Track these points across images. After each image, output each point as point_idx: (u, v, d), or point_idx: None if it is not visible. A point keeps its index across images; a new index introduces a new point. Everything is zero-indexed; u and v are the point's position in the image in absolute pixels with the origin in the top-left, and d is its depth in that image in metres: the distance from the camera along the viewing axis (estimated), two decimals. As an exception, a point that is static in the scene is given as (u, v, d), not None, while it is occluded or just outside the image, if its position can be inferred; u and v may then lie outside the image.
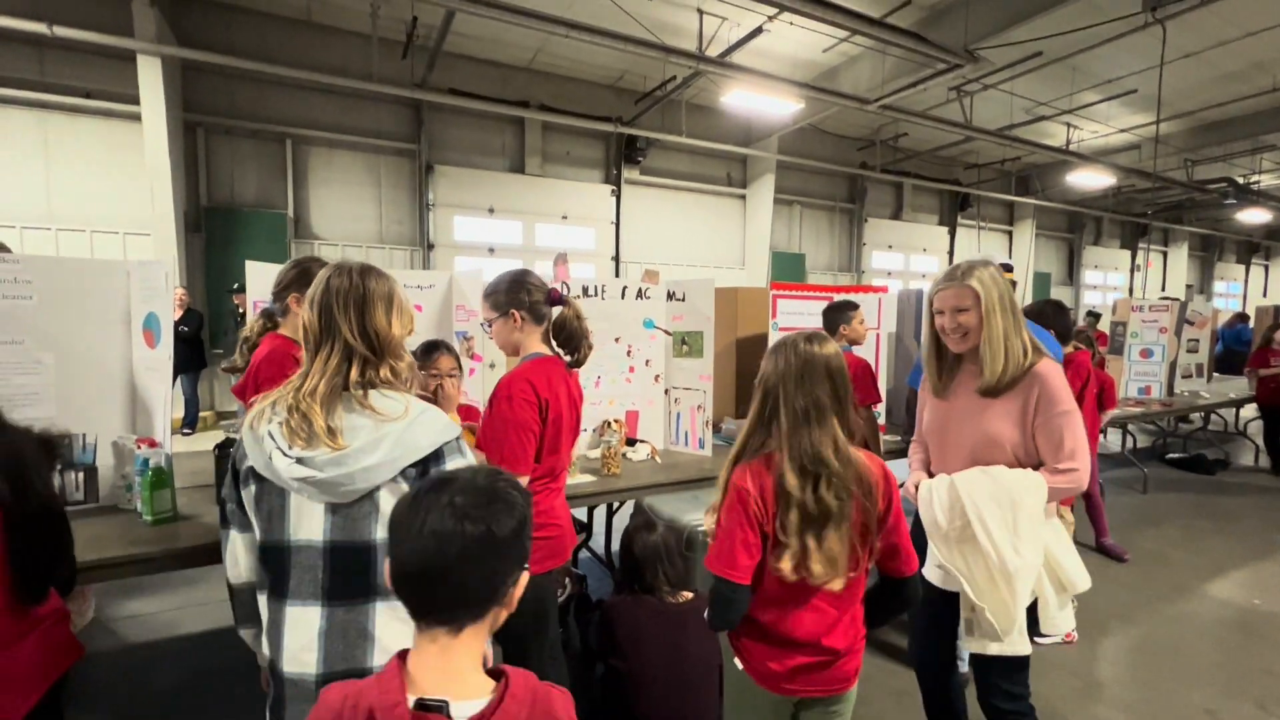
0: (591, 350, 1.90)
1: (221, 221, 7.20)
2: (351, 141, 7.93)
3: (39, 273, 2.08)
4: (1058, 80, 8.55)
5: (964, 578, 1.51)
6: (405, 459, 1.08)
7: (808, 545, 1.23)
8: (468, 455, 1.16)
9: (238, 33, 7.00)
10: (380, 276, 1.16)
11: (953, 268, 1.62)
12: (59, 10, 5.77)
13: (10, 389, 2.07)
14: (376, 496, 1.08)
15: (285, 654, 1.07)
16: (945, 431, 1.69)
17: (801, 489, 1.23)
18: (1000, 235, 14.41)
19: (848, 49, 7.90)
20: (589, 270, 9.50)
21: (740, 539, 1.27)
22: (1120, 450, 5.71)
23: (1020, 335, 1.56)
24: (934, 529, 1.57)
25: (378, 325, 1.11)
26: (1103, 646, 2.85)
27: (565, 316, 1.82)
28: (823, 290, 3.52)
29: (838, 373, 1.31)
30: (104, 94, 6.52)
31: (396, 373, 1.14)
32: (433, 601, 0.78)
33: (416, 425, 1.10)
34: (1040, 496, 1.52)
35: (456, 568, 0.76)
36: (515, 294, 1.76)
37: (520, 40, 7.73)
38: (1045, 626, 1.59)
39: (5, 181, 6.29)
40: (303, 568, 1.07)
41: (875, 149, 11.31)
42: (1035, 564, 1.51)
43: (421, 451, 1.09)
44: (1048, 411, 1.53)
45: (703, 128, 9.56)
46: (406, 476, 1.09)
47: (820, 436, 1.26)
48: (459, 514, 0.76)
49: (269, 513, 1.09)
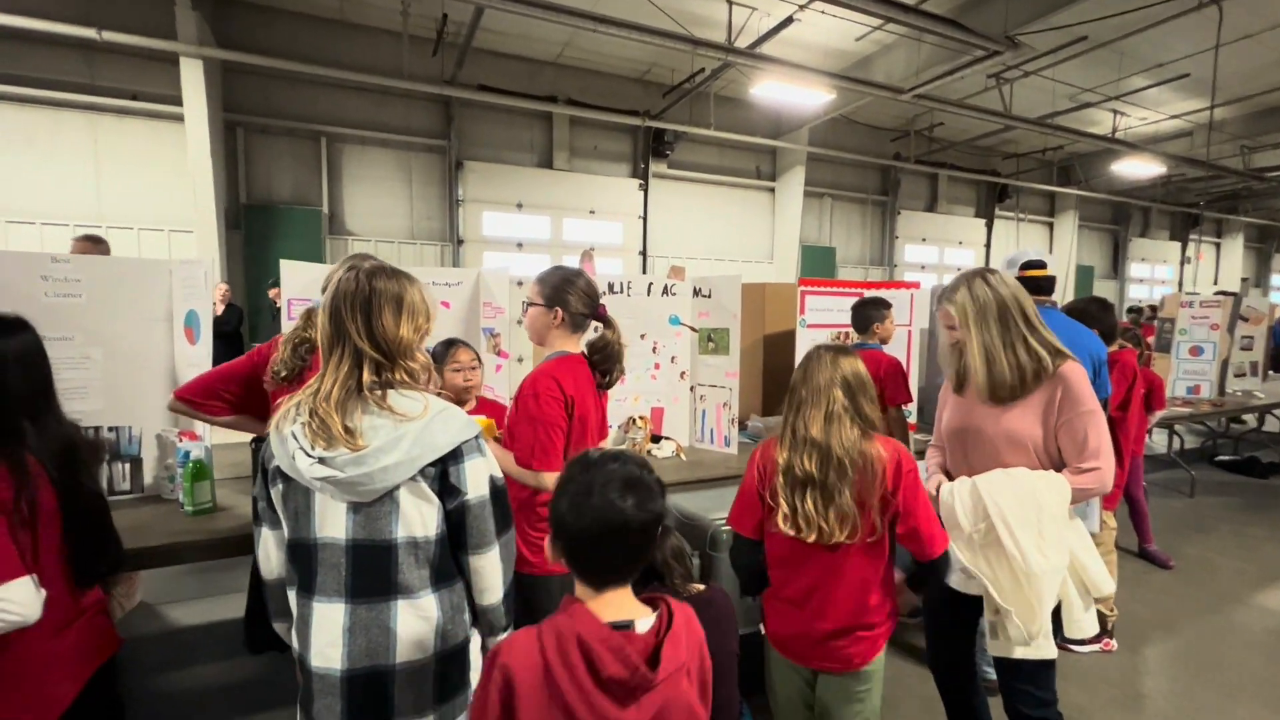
0: (622, 375, 1.89)
1: (260, 218, 7.41)
2: (383, 138, 8.06)
3: (87, 272, 2.17)
4: (1104, 65, 8.20)
5: (989, 581, 1.48)
6: (424, 458, 1.09)
7: (795, 505, 1.45)
8: (487, 453, 1.17)
9: (274, 33, 7.17)
10: (391, 276, 1.15)
11: (943, 288, 1.68)
12: (107, 15, 5.99)
13: (61, 383, 2.12)
14: (396, 495, 1.09)
15: (312, 649, 1.09)
16: (965, 431, 1.67)
17: (788, 459, 1.47)
18: (1040, 227, 13.95)
19: (881, 37, 7.71)
20: (616, 265, 9.50)
21: (746, 501, 1.59)
22: (1166, 452, 5.49)
23: (1021, 341, 1.55)
24: (956, 532, 1.54)
25: (385, 328, 1.10)
26: (1143, 656, 2.75)
27: (608, 339, 1.81)
28: (852, 286, 3.46)
29: (854, 380, 1.51)
30: (150, 96, 6.75)
31: (413, 374, 1.14)
32: (623, 572, 0.98)
33: (435, 424, 1.10)
34: (1064, 497, 1.49)
35: (629, 539, 0.96)
36: (563, 294, 1.75)
37: (548, 35, 7.74)
38: (1070, 630, 1.55)
39: (58, 182, 6.58)
40: (327, 565, 1.09)
41: (909, 139, 11.04)
42: (1061, 566, 1.48)
43: (440, 450, 1.10)
44: (1071, 410, 1.52)
45: (731, 120, 9.45)
46: (426, 475, 1.10)
47: (812, 417, 1.47)
48: (640, 502, 0.95)
49: (295, 511, 1.11)
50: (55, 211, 6.57)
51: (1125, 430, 2.71)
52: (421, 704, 1.11)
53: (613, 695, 0.90)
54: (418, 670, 1.11)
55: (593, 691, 0.89)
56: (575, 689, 0.89)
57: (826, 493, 1.43)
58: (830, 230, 11.47)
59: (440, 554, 1.14)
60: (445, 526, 1.14)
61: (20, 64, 6.29)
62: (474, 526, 1.14)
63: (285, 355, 1.78)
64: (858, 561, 1.47)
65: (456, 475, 1.12)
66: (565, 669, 0.90)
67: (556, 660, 0.90)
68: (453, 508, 1.13)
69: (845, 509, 1.43)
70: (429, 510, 1.11)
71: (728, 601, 2.05)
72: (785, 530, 1.47)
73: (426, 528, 1.11)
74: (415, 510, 1.10)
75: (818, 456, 1.44)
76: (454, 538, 1.15)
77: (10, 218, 6.44)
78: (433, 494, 1.11)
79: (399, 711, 1.10)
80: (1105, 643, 2.74)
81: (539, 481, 1.68)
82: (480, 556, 1.15)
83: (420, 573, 1.12)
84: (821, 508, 1.43)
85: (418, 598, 1.11)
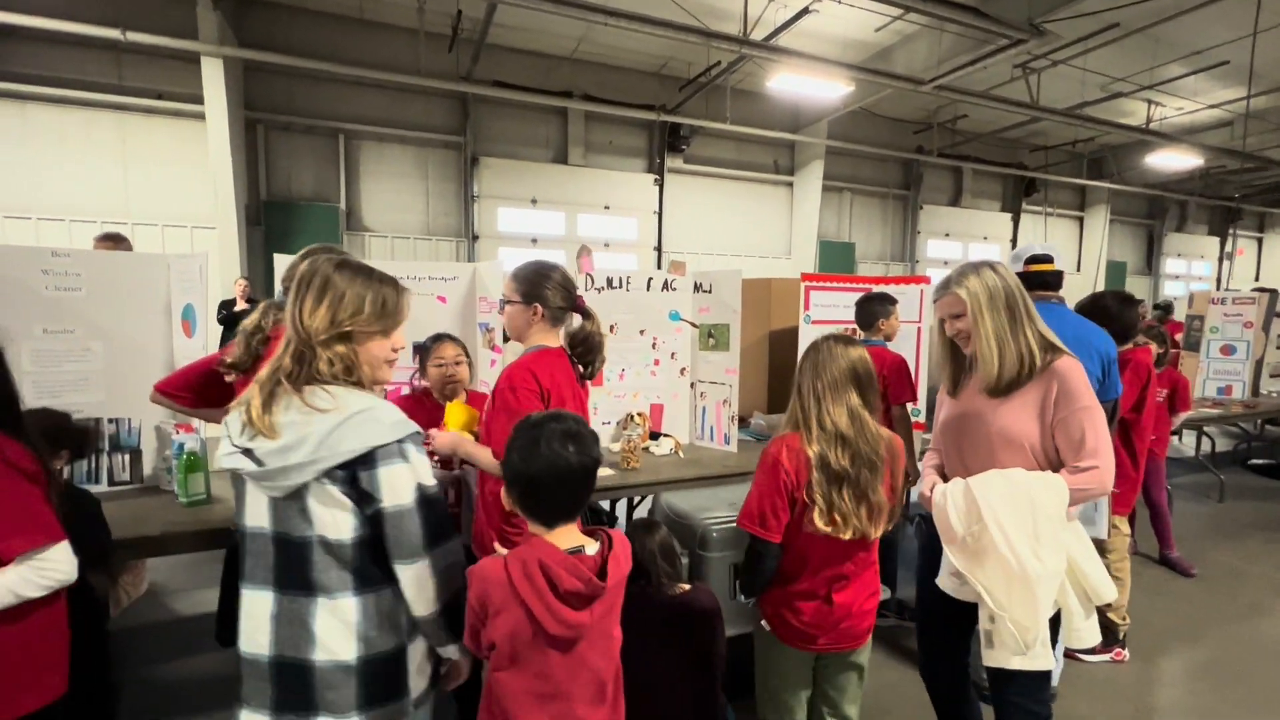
0: (604, 364, 1.88)
1: (280, 214, 7.53)
2: (400, 135, 8.14)
3: (86, 266, 2.21)
4: (1137, 53, 7.90)
5: (982, 587, 1.41)
6: (326, 461, 1.02)
7: (831, 500, 1.46)
8: (413, 459, 1.09)
9: (294, 32, 7.27)
10: (324, 260, 1.11)
11: (946, 276, 1.60)
12: (132, 17, 6.13)
13: (64, 375, 2.22)
14: (305, 497, 1.04)
15: (243, 634, 1.09)
16: (961, 432, 1.61)
17: (820, 453, 1.47)
18: (1069, 221, 13.54)
19: (902, 27, 7.53)
20: (631, 261, 9.47)
21: (769, 503, 1.52)
22: (1195, 455, 5.28)
23: (1025, 332, 1.51)
24: (949, 535, 1.48)
25: (301, 314, 1.07)
26: (1159, 668, 2.64)
27: (587, 330, 1.79)
28: (858, 281, 3.38)
29: (863, 370, 1.54)
30: (174, 95, 6.90)
31: (350, 368, 1.09)
32: (569, 511, 1.17)
33: (347, 426, 1.04)
34: (1061, 498, 1.42)
35: (572, 482, 1.15)
36: (540, 289, 1.73)
37: (563, 30, 7.72)
38: (1069, 640, 1.48)
39: (87, 181, 6.77)
40: (254, 554, 1.08)
41: (932, 132, 10.78)
42: (1058, 570, 1.41)
43: (343, 455, 1.03)
44: (1067, 407, 1.45)
45: (749, 114, 9.34)
46: (335, 479, 1.04)
47: (837, 412, 1.49)
48: (581, 450, 1.13)
49: (235, 497, 1.12)
50: (85, 208, 6.76)
51: (1140, 432, 2.60)
52: (343, 705, 1.07)
53: (570, 604, 1.11)
54: (339, 670, 1.07)
55: (554, 602, 1.10)
56: (539, 601, 1.09)
57: (859, 489, 1.47)
58: (850, 225, 11.28)
59: (361, 557, 1.08)
60: (368, 530, 1.08)
61: (53, 66, 6.48)
62: (394, 536, 1.07)
63: (239, 346, 1.79)
64: (874, 547, 1.56)
65: (369, 481, 1.05)
66: (530, 585, 1.09)
67: (521, 579, 1.09)
68: (370, 514, 1.07)
69: (879, 504, 1.48)
70: (341, 514, 1.06)
71: (715, 602, 2.01)
72: (821, 528, 1.46)
73: (340, 531, 1.06)
74: (326, 512, 1.05)
75: (849, 452, 1.47)
76: (379, 544, 1.09)
77: (42, 215, 6.64)
78: (344, 498, 1.05)
79: (322, 706, 1.07)
80: (1117, 653, 2.64)
81: None
82: (406, 567, 1.09)
83: (338, 574, 1.07)
84: (854, 504, 1.46)
85: (335, 599, 1.07)
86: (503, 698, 1.15)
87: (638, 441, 2.80)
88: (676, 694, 1.90)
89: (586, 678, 1.18)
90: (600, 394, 3.12)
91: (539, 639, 1.11)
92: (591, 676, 1.18)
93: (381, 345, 1.14)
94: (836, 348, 1.55)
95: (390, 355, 1.17)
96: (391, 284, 1.15)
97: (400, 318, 1.16)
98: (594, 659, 1.19)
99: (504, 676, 1.15)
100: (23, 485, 1.29)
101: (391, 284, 1.15)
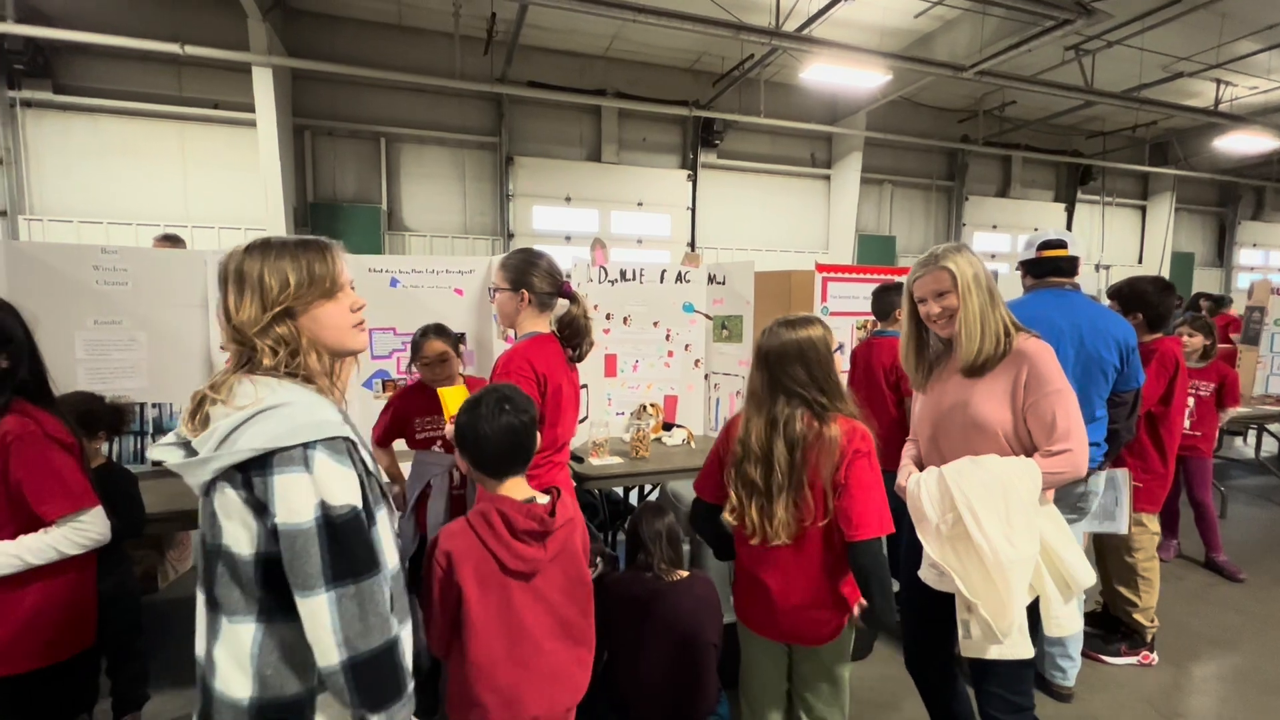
0: (593, 347, 1.94)
1: (325, 216, 7.88)
2: (438, 137, 8.38)
3: (132, 262, 2.40)
4: (1202, 29, 7.42)
5: (957, 575, 1.40)
6: (220, 460, 0.88)
7: (742, 502, 1.49)
8: (317, 470, 0.90)
9: (338, 41, 7.59)
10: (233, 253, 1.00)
11: (928, 254, 1.58)
12: (190, 31, 6.53)
13: (112, 362, 2.41)
14: (211, 499, 0.91)
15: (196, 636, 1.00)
16: (933, 422, 1.60)
17: (740, 455, 1.50)
18: (1130, 211, 12.81)
19: (943, 12, 7.29)
20: (664, 256, 9.49)
21: (709, 468, 1.64)
22: (1255, 457, 4.95)
23: (1001, 312, 1.51)
24: (924, 524, 1.47)
25: (231, 313, 0.98)
26: (1189, 673, 2.52)
27: (573, 314, 1.86)
28: (875, 272, 3.32)
29: (811, 353, 1.47)
30: (229, 104, 7.31)
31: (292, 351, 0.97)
32: (511, 462, 1.35)
33: (252, 422, 0.90)
34: (1033, 483, 1.40)
35: (521, 441, 1.34)
36: (527, 274, 1.82)
37: (595, 29, 7.80)
38: (1049, 628, 1.44)
39: (150, 186, 7.25)
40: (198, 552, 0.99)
41: (978, 120, 10.40)
42: (1031, 555, 1.38)
43: (237, 456, 0.87)
44: (1038, 391, 1.43)
45: (784, 107, 9.21)
46: (232, 482, 0.89)
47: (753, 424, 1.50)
48: (515, 411, 1.32)
49: None
50: (149, 213, 7.24)
51: (1169, 426, 2.47)
52: None
53: (525, 542, 1.30)
54: (231, 708, 0.92)
55: (511, 541, 1.28)
56: (498, 542, 1.28)
57: (770, 500, 1.46)
58: (890, 218, 10.98)
59: (263, 578, 0.92)
60: (273, 548, 0.90)
61: (120, 80, 6.97)
62: (288, 559, 0.89)
63: None
64: (816, 543, 1.48)
65: (262, 489, 0.89)
66: (490, 530, 1.28)
67: (483, 526, 1.29)
68: (270, 530, 0.90)
69: (781, 517, 1.45)
70: (240, 525, 0.91)
71: (711, 591, 2.04)
72: (731, 521, 1.52)
73: (239, 544, 0.91)
74: (227, 521, 0.91)
75: (762, 468, 1.47)
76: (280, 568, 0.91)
77: (112, 220, 7.15)
78: (243, 505, 0.90)
79: None
80: (1144, 656, 2.53)
81: None
82: (303, 600, 0.89)
83: (239, 595, 0.92)
84: (768, 512, 1.46)
85: (234, 622, 0.93)
86: (468, 640, 1.27)
87: (648, 431, 2.84)
88: (668, 677, 1.93)
89: (544, 610, 1.32)
90: (614, 385, 3.18)
91: (501, 574, 1.29)
92: (549, 610, 1.33)
93: (331, 311, 1.02)
94: (780, 331, 1.50)
95: (351, 318, 1.06)
96: (315, 248, 1.02)
97: (339, 278, 1.03)
98: (552, 594, 1.33)
99: (472, 614, 1.26)
100: (60, 455, 1.44)
101: (315, 248, 1.02)
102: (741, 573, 1.63)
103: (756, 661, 1.64)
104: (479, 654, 1.26)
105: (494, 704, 1.26)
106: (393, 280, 2.82)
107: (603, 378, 3.12)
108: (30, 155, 6.87)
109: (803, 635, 1.54)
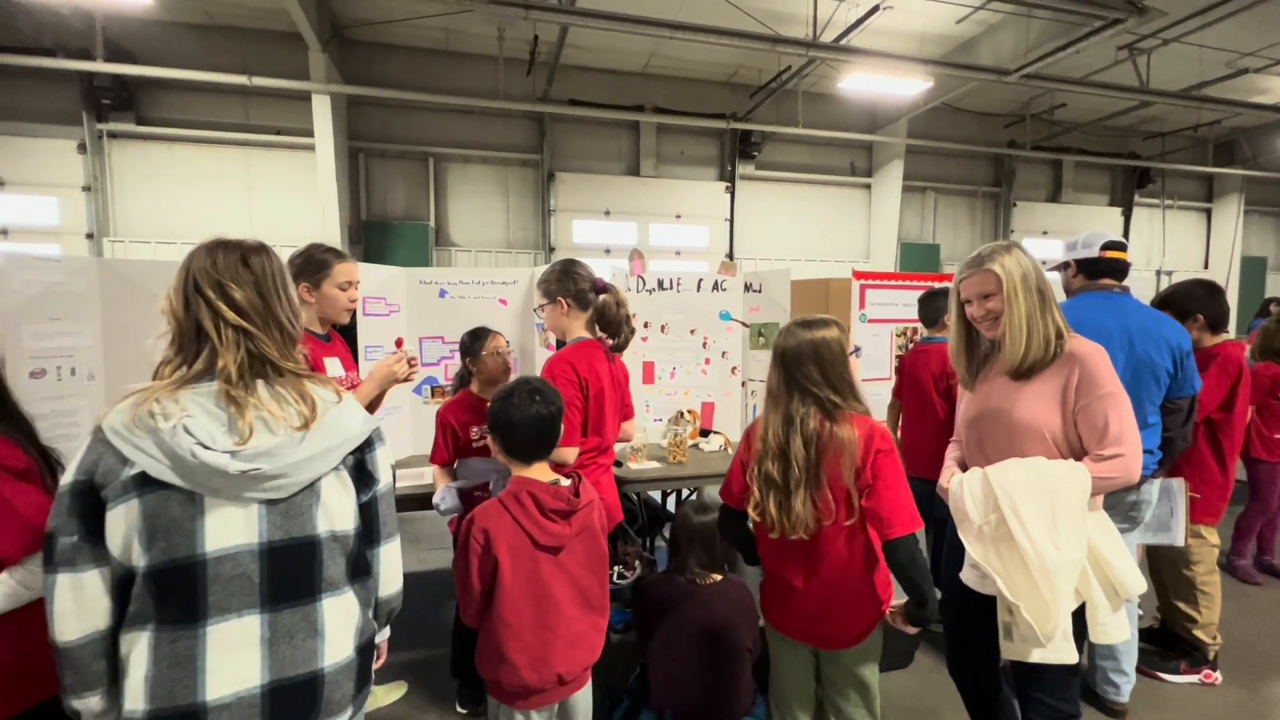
0: (633, 335, 2.02)
1: (377, 233, 8.25)
2: (483, 156, 8.68)
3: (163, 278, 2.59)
4: (1266, 23, 7.07)
5: (999, 576, 1.39)
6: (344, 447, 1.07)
7: (764, 499, 1.52)
8: None
9: (390, 66, 7.98)
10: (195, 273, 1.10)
11: (975, 254, 1.56)
12: (255, 63, 7.00)
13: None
14: (317, 490, 1.04)
15: (208, 678, 0.94)
16: (980, 423, 1.58)
17: (761, 451, 1.53)
18: (1194, 214, 12.20)
19: (985, 17, 7.18)
20: (703, 268, 9.54)
21: (734, 473, 1.66)
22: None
23: (1052, 314, 1.48)
24: (967, 525, 1.46)
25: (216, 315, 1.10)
26: (1259, 695, 2.39)
27: (605, 303, 1.96)
28: (915, 279, 3.30)
29: (825, 352, 1.50)
30: (290, 130, 7.77)
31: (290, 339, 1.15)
32: (539, 447, 1.52)
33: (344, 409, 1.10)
34: (1083, 487, 1.37)
35: (549, 429, 1.52)
36: (563, 282, 1.93)
37: (633, 46, 7.98)
38: (1095, 635, 1.41)
39: (219, 207, 7.75)
40: (227, 579, 0.95)
41: (1025, 124, 10.12)
42: (1077, 560, 1.36)
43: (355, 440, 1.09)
44: (1089, 394, 1.41)
45: (823, 117, 9.19)
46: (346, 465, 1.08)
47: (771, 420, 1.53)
48: (544, 402, 1.52)
49: (166, 529, 0.92)
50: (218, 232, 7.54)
51: (1229, 434, 2.37)
52: (343, 701, 1.06)
53: (553, 519, 1.46)
54: (344, 669, 1.06)
55: (540, 519, 1.45)
56: (529, 519, 1.45)
57: (788, 495, 1.48)
58: (934, 227, 10.76)
59: (357, 546, 1.11)
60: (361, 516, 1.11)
61: (194, 110, 7.50)
62: (385, 515, 1.15)
63: None
64: (838, 544, 1.49)
65: (371, 461, 1.12)
66: (521, 509, 1.45)
67: (515, 506, 1.46)
68: (366, 499, 1.11)
69: (799, 513, 1.47)
70: (349, 503, 1.08)
71: (746, 595, 2.06)
72: (754, 517, 1.56)
73: (346, 521, 1.08)
74: (337, 503, 1.06)
75: (780, 463, 1.50)
76: (364, 530, 1.12)
77: (186, 240, 7.65)
78: (351, 485, 1.09)
79: (324, 713, 1.04)
80: (1206, 674, 2.41)
81: (560, 456, 1.82)
82: (389, 545, 1.17)
83: (343, 567, 1.08)
84: (786, 507, 1.49)
85: (342, 593, 1.08)
86: (501, 604, 1.44)
87: (685, 437, 2.89)
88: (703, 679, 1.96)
89: (567, 581, 1.49)
90: (652, 391, 3.24)
91: (532, 548, 1.45)
92: (572, 581, 1.50)
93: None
94: (796, 331, 1.53)
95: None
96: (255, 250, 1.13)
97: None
98: (575, 568, 1.51)
99: (505, 582, 1.43)
100: (10, 485, 1.20)
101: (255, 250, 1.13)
102: (767, 575, 1.66)
103: (785, 664, 1.66)
104: (511, 618, 1.43)
105: (523, 662, 1.44)
106: (441, 291, 2.96)
107: (641, 384, 3.19)
108: (115, 182, 7.45)
109: (828, 638, 1.56)
